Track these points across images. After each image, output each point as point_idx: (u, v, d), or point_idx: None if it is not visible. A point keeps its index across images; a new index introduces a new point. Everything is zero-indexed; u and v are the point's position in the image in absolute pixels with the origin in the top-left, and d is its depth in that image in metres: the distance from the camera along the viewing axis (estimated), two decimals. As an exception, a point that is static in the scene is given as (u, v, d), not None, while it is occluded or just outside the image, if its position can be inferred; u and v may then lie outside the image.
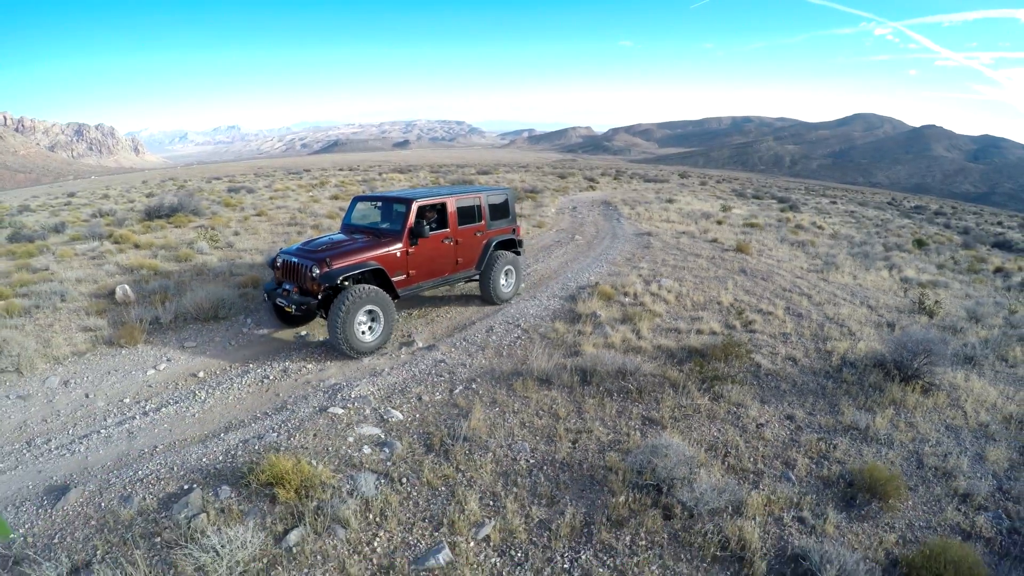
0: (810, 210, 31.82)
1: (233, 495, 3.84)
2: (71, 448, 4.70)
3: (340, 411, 4.95)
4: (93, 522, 3.72)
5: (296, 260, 6.82)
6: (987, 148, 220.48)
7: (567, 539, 3.39)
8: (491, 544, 3.33)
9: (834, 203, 42.73)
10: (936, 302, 10.01)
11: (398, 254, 7.13)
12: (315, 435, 4.56)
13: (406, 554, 3.24)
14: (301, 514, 3.55)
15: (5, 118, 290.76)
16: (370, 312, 6.59)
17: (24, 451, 4.67)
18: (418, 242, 7.26)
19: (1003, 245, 27.60)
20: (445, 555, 3.19)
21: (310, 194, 27.50)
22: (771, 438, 4.69)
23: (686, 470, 3.76)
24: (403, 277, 7.22)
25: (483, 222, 8.38)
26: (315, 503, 3.61)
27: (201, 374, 6.12)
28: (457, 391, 5.41)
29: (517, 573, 3.14)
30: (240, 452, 4.43)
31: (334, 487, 3.79)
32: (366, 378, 5.73)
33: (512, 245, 9.04)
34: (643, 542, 3.36)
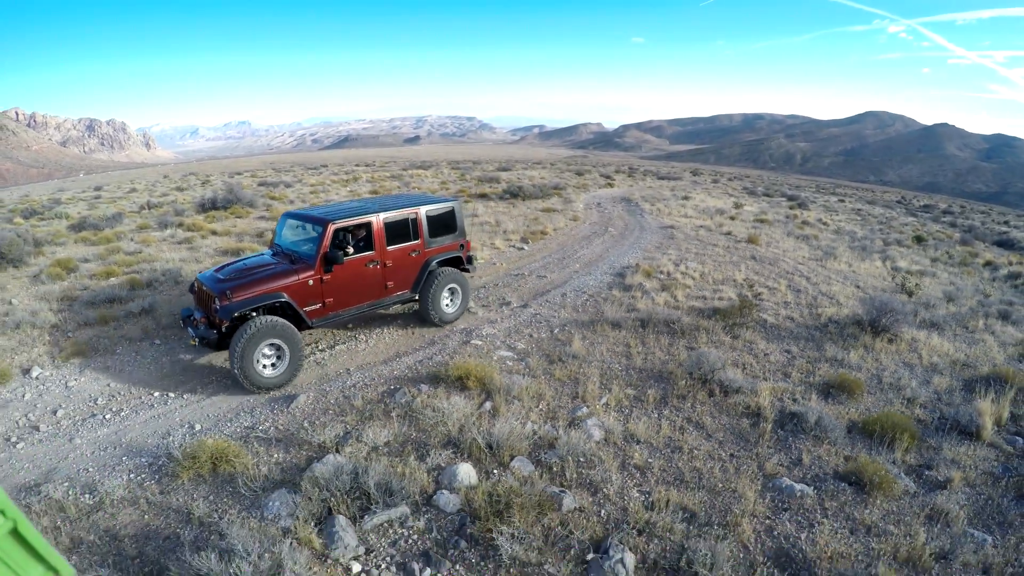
0: (818, 208, 33.63)
1: (432, 388, 5.98)
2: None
3: (479, 342, 7.22)
4: (331, 411, 5.69)
5: (206, 287, 6.57)
6: (999, 147, 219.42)
7: (652, 403, 5.64)
8: (610, 406, 5.59)
9: (842, 201, 44.49)
10: (916, 284, 12.09)
11: (311, 282, 6.67)
12: (469, 355, 6.80)
13: (561, 411, 5.49)
14: (489, 392, 5.78)
15: (17, 114, 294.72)
16: (274, 346, 6.22)
17: (226, 379, 6.38)
18: (333, 269, 6.79)
19: (1005, 243, 28.58)
20: (585, 410, 5.43)
21: (348, 189, 29.68)
22: (774, 360, 6.92)
23: (720, 366, 5.99)
24: (317, 307, 6.80)
25: (420, 240, 7.68)
26: (495, 387, 5.82)
27: (351, 326, 8.26)
28: (556, 331, 7.71)
29: (628, 418, 5.38)
30: (419, 366, 6.65)
31: (501, 380, 6.00)
32: (486, 325, 8.00)
33: (459, 263, 8.34)
34: (699, 405, 5.62)
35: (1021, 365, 7.62)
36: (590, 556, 3.48)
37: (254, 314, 6.35)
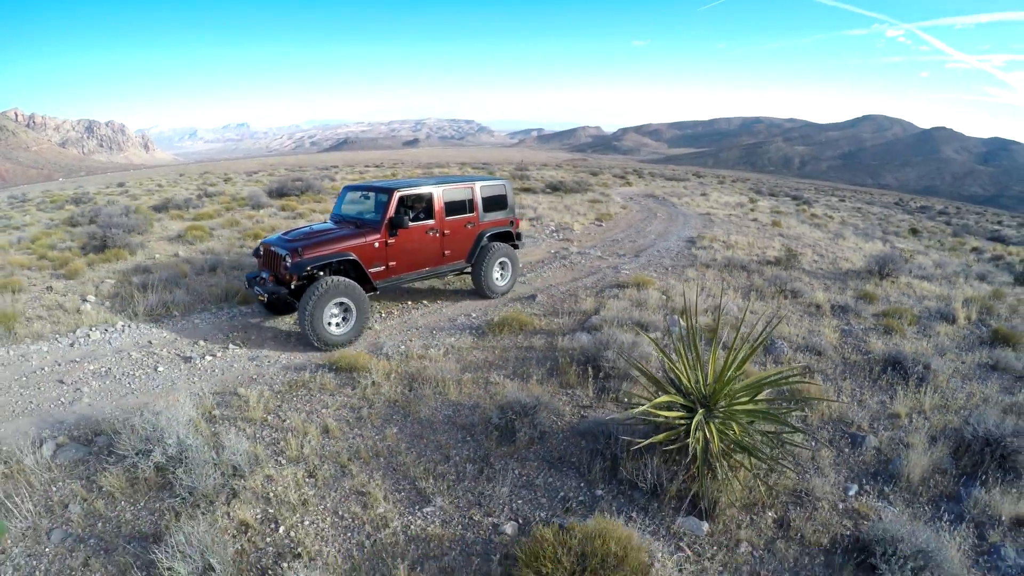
0: (821, 206, 37.09)
1: (621, 290, 9.14)
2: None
3: (627, 271, 10.60)
4: (567, 301, 8.68)
5: (274, 249, 6.94)
6: (997, 151, 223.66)
7: (755, 299, 9.12)
8: (732, 299, 8.97)
9: (843, 201, 48.07)
10: (912, 255, 15.51)
11: (376, 245, 7.11)
12: (626, 275, 10.10)
13: (708, 299, 8.83)
14: (666, 291, 9.21)
15: (16, 115, 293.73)
16: (341, 304, 6.58)
17: (451, 293, 9.61)
18: (398, 233, 7.25)
19: (996, 239, 31.07)
20: (726, 299, 8.76)
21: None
22: (817, 286, 10.35)
23: (790, 281, 9.45)
24: (381, 268, 7.24)
25: (475, 213, 8.31)
26: (663, 287, 9.24)
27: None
28: (669, 268, 11.18)
29: (745, 303, 8.72)
30: (599, 284, 9.95)
31: (663, 284, 9.33)
32: (622, 265, 11.40)
33: (509, 238, 8.96)
34: (781, 300, 9.14)
35: (989, 300, 10.98)
36: (768, 343, 6.90)
37: (321, 274, 6.80)
